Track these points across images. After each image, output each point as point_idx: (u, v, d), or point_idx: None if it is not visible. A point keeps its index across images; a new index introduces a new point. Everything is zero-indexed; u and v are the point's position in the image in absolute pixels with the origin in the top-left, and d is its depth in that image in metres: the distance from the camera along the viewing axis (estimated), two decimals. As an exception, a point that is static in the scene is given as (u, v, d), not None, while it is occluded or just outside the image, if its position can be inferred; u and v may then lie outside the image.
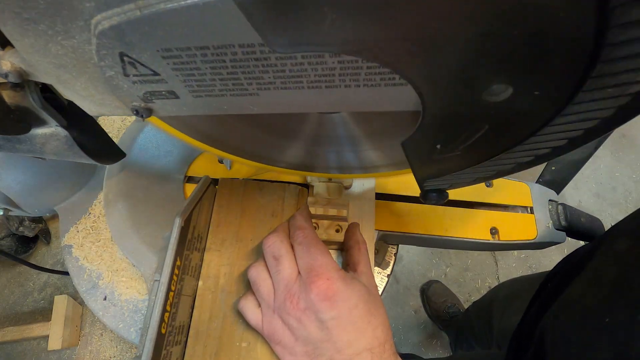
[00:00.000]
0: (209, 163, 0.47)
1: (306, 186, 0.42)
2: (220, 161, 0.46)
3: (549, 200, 0.46)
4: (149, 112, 0.20)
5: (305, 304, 0.28)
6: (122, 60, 0.16)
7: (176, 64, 0.16)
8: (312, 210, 0.38)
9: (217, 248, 0.38)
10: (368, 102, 0.18)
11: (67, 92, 0.20)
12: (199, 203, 0.36)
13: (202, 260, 0.37)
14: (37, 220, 1.10)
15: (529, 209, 0.45)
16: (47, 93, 0.22)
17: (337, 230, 0.38)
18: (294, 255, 0.31)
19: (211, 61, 0.16)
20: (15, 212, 0.44)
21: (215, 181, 0.41)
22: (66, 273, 0.44)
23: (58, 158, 0.27)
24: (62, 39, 0.16)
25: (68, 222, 0.45)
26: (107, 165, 0.45)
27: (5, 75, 0.19)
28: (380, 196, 0.44)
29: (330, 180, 0.40)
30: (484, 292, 1.24)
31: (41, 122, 0.24)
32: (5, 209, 0.42)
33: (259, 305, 0.32)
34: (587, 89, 0.13)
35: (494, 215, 0.44)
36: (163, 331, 0.30)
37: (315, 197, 0.39)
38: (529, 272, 1.28)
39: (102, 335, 1.10)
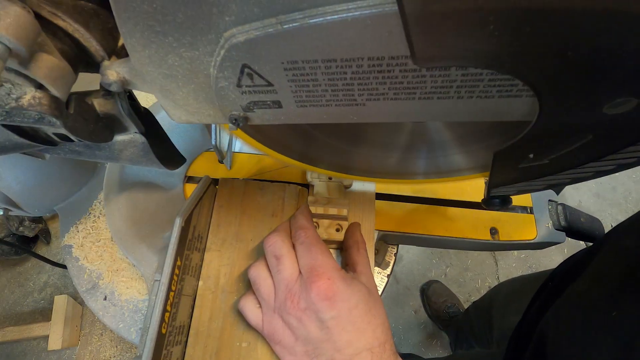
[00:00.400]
0: (209, 163, 0.47)
1: (306, 186, 0.42)
2: (221, 161, 0.46)
3: (549, 200, 0.46)
4: (246, 120, 0.19)
5: (305, 303, 0.29)
6: (242, 72, 0.16)
7: (295, 75, 0.16)
8: (313, 209, 0.38)
9: (217, 248, 0.38)
10: (475, 113, 0.18)
11: (164, 101, 0.19)
12: (199, 203, 0.36)
13: (202, 260, 0.37)
14: (37, 220, 1.09)
15: (528, 209, 0.45)
16: (132, 101, 0.22)
17: (338, 230, 0.38)
18: (295, 254, 0.31)
19: (332, 73, 0.16)
20: (15, 212, 0.44)
21: (215, 181, 0.41)
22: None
23: (131, 164, 0.27)
24: (184, 50, 0.15)
25: (68, 222, 0.45)
26: (107, 165, 0.45)
27: (109, 85, 0.19)
28: (380, 196, 0.44)
29: (330, 179, 0.40)
30: (484, 292, 1.24)
31: (122, 129, 0.24)
32: (5, 209, 0.42)
33: (259, 305, 0.32)
34: None
35: (494, 215, 0.44)
36: (163, 331, 0.30)
37: (315, 197, 0.39)
38: (529, 272, 1.28)
39: (102, 335, 1.10)
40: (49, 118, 0.18)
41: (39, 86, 0.17)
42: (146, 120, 0.24)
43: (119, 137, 0.25)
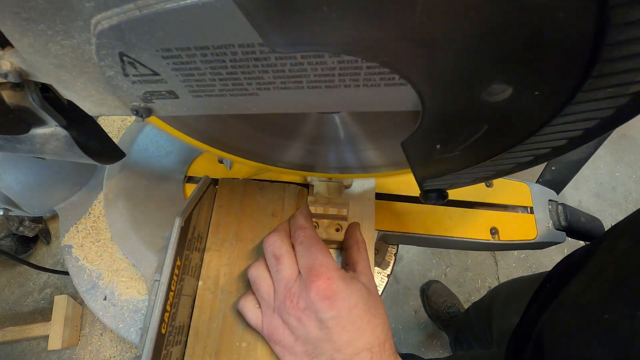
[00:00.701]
0: (209, 163, 0.47)
1: (306, 186, 0.42)
2: (220, 161, 0.46)
3: (549, 200, 0.46)
4: (149, 112, 0.20)
5: (305, 303, 0.29)
6: (122, 60, 0.16)
7: (176, 64, 0.16)
8: (312, 209, 0.38)
9: (217, 248, 0.38)
10: (368, 102, 0.18)
11: (67, 92, 0.20)
12: (199, 203, 0.36)
13: (202, 260, 0.37)
14: (37, 220, 1.10)
15: (529, 209, 0.45)
16: (47, 93, 0.22)
17: (337, 229, 0.38)
18: (295, 254, 0.31)
19: (211, 61, 0.16)
20: (15, 212, 0.44)
21: (215, 181, 0.41)
22: (66, 273, 0.44)
23: (58, 158, 0.27)
24: (61, 38, 0.16)
25: (68, 222, 0.45)
26: (107, 165, 0.45)
27: (5, 75, 0.19)
28: (380, 196, 0.44)
29: (330, 179, 0.40)
30: (484, 292, 1.24)
31: (41, 122, 0.24)
32: (5, 209, 0.42)
33: (259, 305, 0.32)
34: (587, 89, 0.13)
35: (494, 215, 0.44)
36: (163, 331, 0.30)
37: (315, 197, 0.39)
38: (529, 272, 1.28)
39: (102, 335, 1.10)
40: None
41: None
42: (70, 113, 0.24)
43: (39, 130, 0.24)
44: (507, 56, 0.13)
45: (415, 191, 0.45)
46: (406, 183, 0.46)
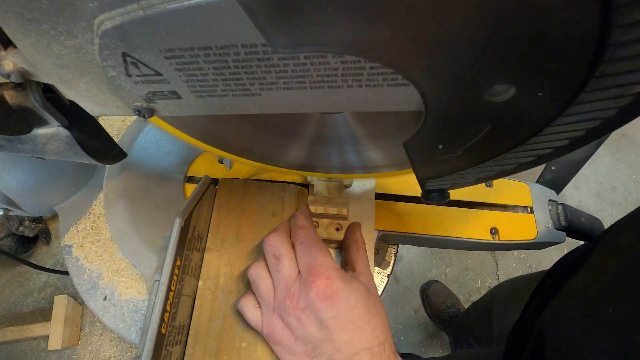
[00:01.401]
0: (209, 163, 0.47)
1: (306, 186, 0.42)
2: (220, 161, 0.46)
3: (549, 200, 0.46)
4: (151, 112, 0.20)
5: (305, 303, 0.28)
6: (125, 61, 0.16)
7: (179, 64, 0.16)
8: (312, 208, 0.38)
9: (217, 248, 0.38)
10: (370, 103, 0.18)
11: (70, 93, 0.20)
12: (199, 203, 0.36)
13: (202, 260, 0.37)
14: (37, 220, 1.09)
15: (529, 209, 0.45)
16: (49, 93, 0.22)
17: (337, 229, 0.38)
18: (295, 254, 0.31)
19: (214, 61, 0.16)
20: (15, 212, 0.44)
21: (215, 181, 0.41)
22: (66, 273, 0.44)
23: (60, 158, 0.27)
24: (64, 39, 0.16)
25: (68, 222, 0.44)
26: (107, 165, 0.45)
27: (8, 76, 0.19)
28: (380, 196, 0.44)
29: (330, 179, 0.40)
30: (484, 292, 1.24)
31: (43, 122, 0.24)
32: (5, 209, 0.42)
33: (259, 305, 0.32)
34: (590, 89, 0.13)
35: (494, 215, 0.44)
36: (163, 331, 0.30)
37: (315, 196, 0.39)
38: (529, 272, 1.28)
39: (102, 335, 1.10)
40: None
41: None
42: (72, 113, 0.24)
43: (41, 131, 0.24)
44: (511, 57, 0.13)
45: (415, 191, 0.45)
46: (406, 183, 0.46)
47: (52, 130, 0.24)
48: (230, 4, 0.12)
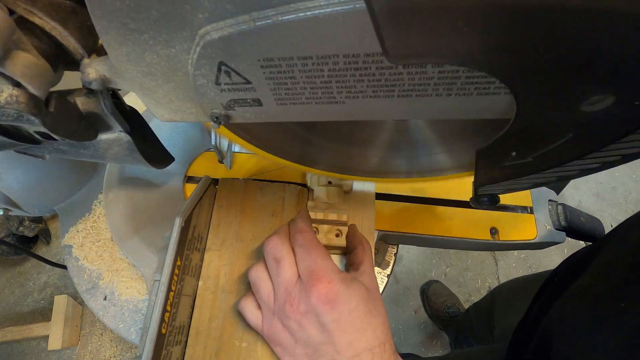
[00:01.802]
0: (209, 163, 0.47)
1: (306, 186, 0.42)
2: (221, 161, 0.46)
3: (549, 200, 0.46)
4: (228, 119, 0.19)
5: (305, 307, 0.29)
6: (219, 70, 0.16)
7: (272, 72, 0.16)
8: (312, 214, 0.37)
9: (217, 248, 0.38)
10: (455, 110, 0.18)
11: (146, 99, 0.19)
12: (199, 203, 0.36)
13: (202, 260, 0.37)
14: (37, 220, 1.09)
15: (528, 209, 0.45)
16: (115, 99, 0.22)
17: (337, 235, 0.38)
18: (295, 257, 0.31)
19: (309, 70, 0.16)
20: (15, 212, 0.44)
21: (215, 181, 0.41)
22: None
23: (117, 163, 0.27)
24: (161, 48, 0.16)
25: (68, 222, 0.45)
26: (107, 165, 0.45)
27: (89, 83, 0.19)
28: (380, 196, 0.44)
29: (330, 183, 0.40)
30: (484, 292, 1.24)
31: (107, 128, 0.24)
32: (5, 209, 0.42)
33: (259, 306, 0.32)
34: None
35: (494, 215, 0.44)
36: (163, 331, 0.30)
37: (315, 202, 0.39)
38: (529, 272, 1.28)
39: (102, 335, 1.10)
40: (27, 116, 0.18)
41: (17, 84, 0.17)
42: (132, 119, 0.24)
43: (103, 136, 0.25)
44: (616, 69, 0.13)
45: (415, 191, 0.45)
46: (406, 183, 0.46)
47: (114, 136, 0.25)
48: (351, 16, 0.12)
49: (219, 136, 0.37)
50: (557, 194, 0.48)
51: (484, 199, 0.25)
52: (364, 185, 0.43)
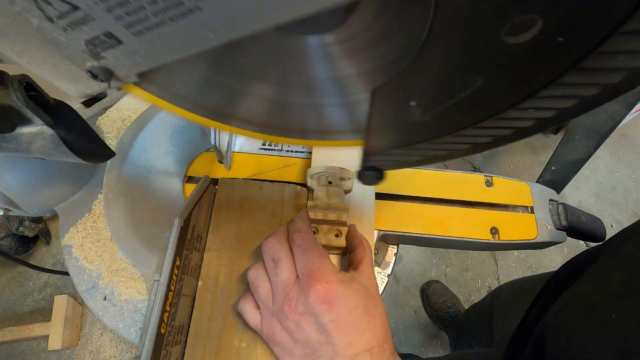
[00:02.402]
0: (209, 163, 0.47)
1: (306, 186, 0.42)
2: (220, 161, 0.46)
3: (549, 200, 0.46)
4: (108, 73, 0.18)
5: (304, 307, 0.28)
6: None
7: None
8: (312, 214, 0.37)
9: (216, 248, 0.38)
10: None
11: (33, 68, 0.18)
12: (198, 203, 0.36)
13: (201, 260, 0.37)
14: (37, 220, 1.09)
15: (529, 209, 0.45)
16: (33, 92, 0.22)
17: (337, 235, 0.38)
18: (293, 258, 0.31)
19: None
20: (15, 212, 0.44)
21: (215, 181, 0.41)
22: (66, 273, 0.44)
23: (45, 157, 0.27)
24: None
25: (68, 222, 0.44)
26: (107, 165, 0.45)
27: None
28: (380, 196, 0.44)
29: (330, 183, 0.40)
30: (484, 292, 1.24)
31: (27, 121, 0.24)
32: (5, 209, 0.42)
33: (258, 306, 0.32)
34: (606, 50, 0.12)
35: (494, 215, 0.44)
36: (162, 331, 0.30)
37: (315, 202, 0.39)
38: (529, 272, 1.29)
39: (102, 335, 1.10)
40: None
41: None
42: (57, 112, 0.23)
43: (25, 129, 0.24)
44: None
45: (415, 191, 0.45)
46: (406, 182, 0.46)
47: (36, 129, 0.24)
48: None
49: (219, 136, 0.37)
50: (558, 193, 0.48)
51: (369, 173, 0.23)
52: (364, 186, 0.42)
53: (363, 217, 0.41)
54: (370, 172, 0.23)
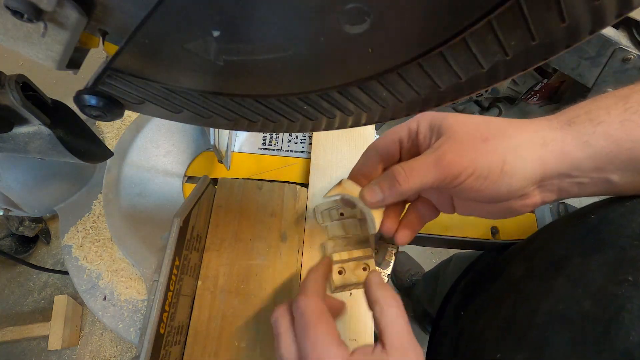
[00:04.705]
0: (209, 163, 0.47)
1: (306, 186, 0.42)
2: (220, 161, 0.46)
3: (549, 200, 0.46)
4: (28, 4, 0.15)
5: None
6: None
7: None
8: (337, 257, 0.35)
9: (216, 248, 0.38)
10: None
11: (21, 48, 0.16)
12: (197, 203, 0.36)
13: (201, 260, 0.37)
14: (37, 220, 1.09)
15: (529, 209, 0.45)
16: (30, 92, 0.22)
17: (364, 269, 0.36)
18: (295, 332, 0.26)
19: None
20: (15, 212, 0.44)
21: (214, 181, 0.41)
22: (66, 273, 0.44)
23: (43, 157, 0.27)
24: None
25: (68, 222, 0.45)
26: (107, 165, 0.45)
27: None
28: (380, 196, 0.44)
29: (342, 215, 0.38)
30: (484, 292, 1.24)
31: (24, 121, 0.24)
32: (5, 209, 0.42)
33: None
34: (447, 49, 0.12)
35: (494, 215, 0.44)
36: (162, 331, 0.30)
37: (334, 240, 0.37)
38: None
39: (102, 335, 1.10)
40: None
41: None
42: (54, 112, 0.23)
43: (22, 129, 0.24)
44: None
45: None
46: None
47: (33, 129, 0.24)
48: None
49: (218, 135, 0.37)
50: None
51: (92, 98, 0.17)
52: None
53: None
54: (94, 98, 0.16)
